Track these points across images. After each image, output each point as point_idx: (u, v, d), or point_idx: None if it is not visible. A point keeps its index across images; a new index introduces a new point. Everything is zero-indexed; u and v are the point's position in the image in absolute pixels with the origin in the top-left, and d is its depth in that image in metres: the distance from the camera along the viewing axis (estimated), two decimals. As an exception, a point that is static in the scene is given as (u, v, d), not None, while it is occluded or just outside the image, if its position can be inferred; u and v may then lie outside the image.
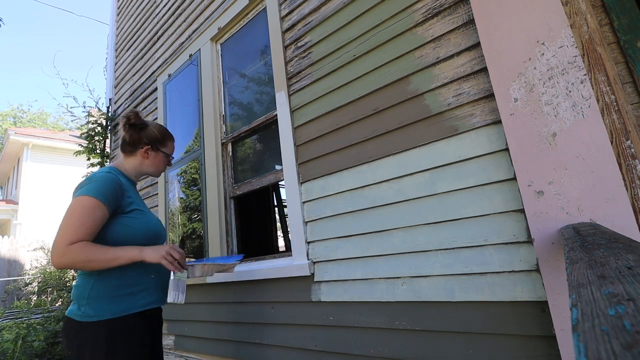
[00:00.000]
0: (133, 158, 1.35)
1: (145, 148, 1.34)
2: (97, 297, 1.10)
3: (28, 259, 9.42)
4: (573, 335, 0.26)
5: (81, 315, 1.08)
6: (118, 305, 1.12)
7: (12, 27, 56.84)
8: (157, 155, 1.37)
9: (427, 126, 1.37)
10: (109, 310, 1.10)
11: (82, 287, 1.12)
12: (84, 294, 1.11)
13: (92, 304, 1.09)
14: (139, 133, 1.34)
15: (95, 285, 1.11)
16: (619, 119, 0.97)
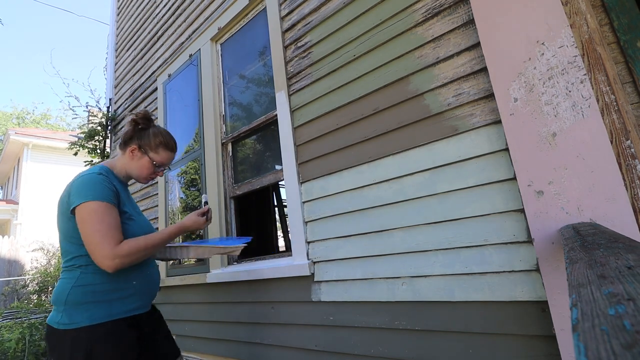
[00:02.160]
0: (123, 157, 1.29)
1: (132, 148, 1.27)
2: (75, 302, 1.05)
3: (28, 259, 9.42)
4: (573, 335, 0.26)
5: (58, 322, 1.04)
6: (98, 311, 1.06)
7: (12, 27, 56.83)
8: (142, 158, 1.28)
9: (427, 126, 1.37)
10: (87, 317, 1.04)
11: (60, 292, 1.08)
12: (62, 299, 1.06)
13: (69, 310, 1.05)
14: (135, 132, 1.29)
15: (73, 291, 1.06)
16: (618, 118, 0.98)
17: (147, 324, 1.22)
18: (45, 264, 9.11)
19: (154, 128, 1.32)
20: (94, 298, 1.08)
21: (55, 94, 10.13)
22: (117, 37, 4.32)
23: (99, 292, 1.09)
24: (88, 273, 1.09)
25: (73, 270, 1.11)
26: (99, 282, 1.10)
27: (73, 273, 1.10)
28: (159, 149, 1.30)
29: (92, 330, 1.04)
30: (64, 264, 1.13)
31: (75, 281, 1.08)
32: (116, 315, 1.09)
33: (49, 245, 9.52)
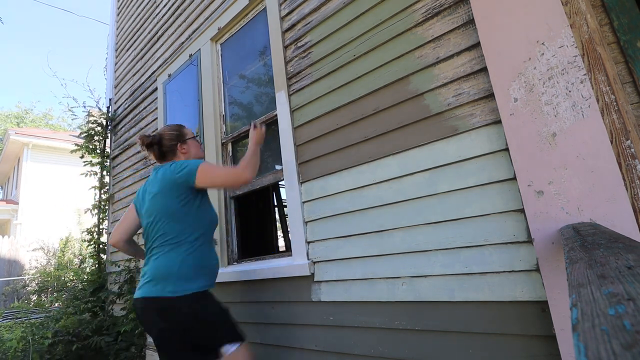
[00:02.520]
0: (180, 156, 1.57)
1: (178, 147, 1.56)
2: (182, 275, 1.31)
3: (28, 259, 9.42)
4: (573, 335, 0.26)
5: (171, 291, 1.28)
6: (196, 282, 1.33)
7: (12, 28, 56.81)
8: (189, 144, 1.59)
9: (427, 126, 1.37)
10: (193, 287, 1.31)
11: (169, 267, 1.32)
12: (172, 271, 1.31)
13: (179, 281, 1.30)
14: (162, 145, 1.55)
15: (181, 266, 1.32)
16: (618, 118, 0.98)
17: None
18: (45, 264, 9.11)
19: (161, 130, 1.59)
20: (194, 272, 1.35)
21: (55, 96, 10.18)
22: (117, 37, 4.32)
23: (197, 267, 1.36)
24: (190, 252, 1.36)
25: (176, 249, 1.35)
26: (196, 260, 1.37)
27: (176, 252, 1.34)
28: (181, 130, 1.62)
29: (198, 296, 1.32)
30: (162, 242, 1.37)
31: (183, 258, 1.34)
32: (204, 287, 1.37)
33: (49, 245, 9.52)
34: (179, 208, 1.39)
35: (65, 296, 3.97)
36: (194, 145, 1.62)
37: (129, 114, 3.70)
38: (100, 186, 3.83)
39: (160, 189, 1.42)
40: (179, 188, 1.40)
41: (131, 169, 3.49)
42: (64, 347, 2.86)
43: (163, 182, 1.42)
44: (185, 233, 1.38)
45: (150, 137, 1.55)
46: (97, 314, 3.26)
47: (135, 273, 3.14)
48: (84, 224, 8.82)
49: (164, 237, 1.38)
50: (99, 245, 3.72)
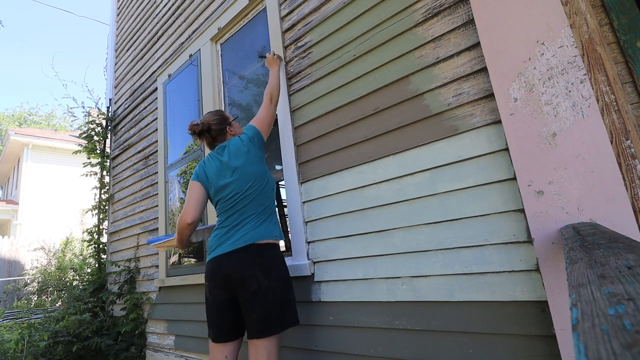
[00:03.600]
0: (229, 135, 1.69)
1: (227, 129, 1.68)
2: (277, 227, 1.54)
3: (28, 259, 9.42)
4: (573, 334, 0.26)
5: (276, 236, 1.50)
6: (280, 233, 1.56)
7: (12, 28, 56.81)
8: (235, 125, 1.74)
9: (427, 126, 1.37)
10: (280, 236, 1.55)
11: (273, 227, 1.52)
12: (272, 226, 1.51)
13: (277, 231, 1.53)
14: (211, 131, 1.65)
15: (275, 222, 1.54)
16: (618, 118, 0.98)
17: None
18: (45, 264, 9.11)
19: (205, 121, 1.67)
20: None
21: (55, 98, 10.19)
22: (117, 37, 4.32)
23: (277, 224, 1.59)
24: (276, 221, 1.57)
25: (271, 215, 1.54)
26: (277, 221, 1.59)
27: (272, 217, 1.54)
28: (224, 115, 1.72)
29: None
30: (259, 207, 1.50)
31: (273, 218, 1.55)
32: (282, 238, 1.60)
33: (49, 245, 9.52)
34: (265, 171, 1.57)
35: (66, 296, 3.97)
36: (237, 126, 1.76)
37: (129, 114, 3.70)
38: (100, 186, 3.84)
39: (245, 159, 1.54)
40: (259, 153, 1.59)
41: (131, 169, 3.49)
42: (64, 348, 2.86)
43: (245, 153, 1.55)
44: (272, 196, 1.57)
45: (200, 125, 1.63)
46: (97, 314, 3.26)
47: (135, 273, 3.14)
48: (86, 224, 8.82)
49: (259, 204, 1.50)
50: (99, 245, 3.72)
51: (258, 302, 1.35)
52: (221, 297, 1.43)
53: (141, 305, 2.98)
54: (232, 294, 1.42)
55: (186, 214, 1.53)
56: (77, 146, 3.91)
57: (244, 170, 1.52)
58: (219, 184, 1.54)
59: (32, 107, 26.70)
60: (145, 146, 3.30)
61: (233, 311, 1.43)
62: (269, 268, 1.40)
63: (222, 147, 1.62)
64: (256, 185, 1.51)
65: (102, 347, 2.79)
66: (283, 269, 1.47)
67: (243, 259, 1.40)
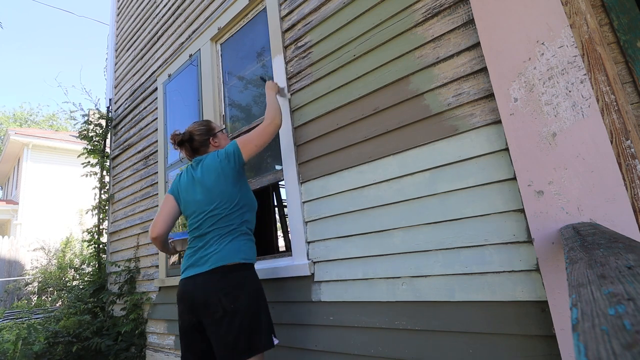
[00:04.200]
0: (211, 148, 1.63)
1: (210, 141, 1.63)
2: (247, 248, 1.46)
3: (28, 259, 9.42)
4: (573, 334, 0.26)
5: (243, 258, 1.42)
6: (252, 254, 1.50)
7: (12, 28, 56.83)
8: (220, 137, 1.67)
9: (427, 126, 1.37)
10: (250, 257, 1.48)
11: (239, 248, 1.44)
12: (240, 247, 1.44)
13: (246, 252, 1.45)
14: (193, 141, 1.60)
15: (244, 242, 1.47)
16: (618, 118, 0.98)
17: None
18: (45, 264, 9.11)
19: (190, 128, 1.64)
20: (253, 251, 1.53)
21: (56, 103, 10.20)
22: (117, 37, 4.32)
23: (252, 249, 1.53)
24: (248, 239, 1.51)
25: (239, 237, 1.46)
26: (251, 242, 1.53)
27: (240, 238, 1.46)
28: (209, 125, 1.68)
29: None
30: (224, 228, 1.43)
31: (246, 239, 1.49)
32: (254, 260, 1.54)
33: (49, 245, 9.52)
34: (236, 193, 1.49)
35: (67, 296, 3.97)
36: (223, 138, 1.70)
37: (129, 114, 3.70)
38: (101, 186, 3.84)
39: (215, 177, 1.47)
40: (232, 172, 1.49)
41: (131, 169, 3.49)
42: (64, 348, 2.86)
43: (216, 170, 1.48)
44: (241, 217, 1.49)
45: (180, 136, 1.58)
46: (98, 314, 3.26)
47: (135, 273, 3.14)
48: (85, 224, 8.82)
49: (226, 225, 1.44)
50: (99, 246, 3.72)
51: (224, 329, 1.29)
52: (190, 322, 1.39)
53: (141, 305, 2.98)
54: (198, 318, 1.37)
55: (152, 228, 1.54)
56: (77, 146, 3.92)
57: (212, 189, 1.46)
58: (187, 200, 1.52)
59: (32, 108, 26.71)
60: (145, 146, 3.30)
61: (203, 337, 1.38)
62: (233, 292, 1.33)
63: (198, 160, 1.57)
64: (223, 205, 1.44)
65: (102, 348, 2.79)
66: (252, 290, 1.39)
67: (207, 283, 1.35)
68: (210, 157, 1.53)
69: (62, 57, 65.99)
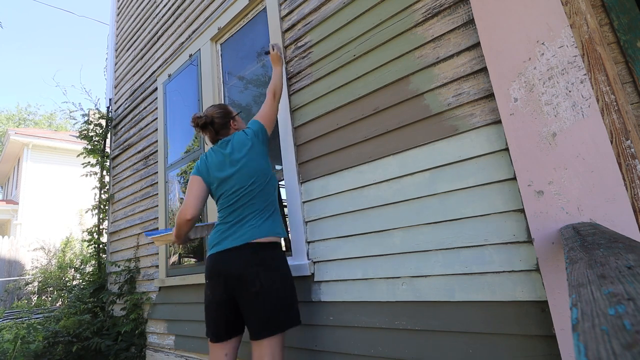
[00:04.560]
0: (232, 129, 1.66)
1: (231, 123, 1.66)
2: (281, 225, 1.51)
3: (28, 259, 9.42)
4: (573, 334, 0.26)
5: (278, 233, 1.47)
6: (284, 230, 1.53)
7: (11, 28, 56.81)
8: (238, 119, 1.71)
9: (427, 126, 1.37)
10: (283, 233, 1.52)
11: (277, 223, 1.50)
12: (275, 223, 1.49)
13: (281, 229, 1.50)
14: (214, 124, 1.62)
15: (279, 220, 1.52)
16: (618, 118, 0.98)
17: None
18: (45, 264, 9.11)
19: (208, 114, 1.64)
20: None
21: (55, 102, 10.20)
22: (117, 37, 4.32)
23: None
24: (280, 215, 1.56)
25: (274, 213, 1.51)
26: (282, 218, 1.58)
27: (275, 214, 1.51)
28: (226, 109, 1.69)
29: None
30: (261, 204, 1.47)
31: (280, 221, 1.53)
32: (285, 235, 1.59)
33: (49, 245, 9.52)
34: (269, 168, 1.53)
35: (66, 296, 3.97)
36: (240, 121, 1.74)
37: (129, 114, 3.70)
38: (100, 186, 3.84)
39: (249, 153, 1.50)
40: (263, 148, 1.55)
41: (131, 169, 3.49)
42: (64, 348, 2.86)
43: (248, 147, 1.52)
44: (274, 193, 1.52)
45: (204, 117, 1.59)
46: (98, 314, 3.26)
47: (135, 273, 3.14)
48: (85, 224, 8.82)
49: (262, 200, 1.47)
50: (99, 245, 3.72)
51: (261, 302, 1.32)
52: (220, 296, 1.40)
53: (141, 305, 2.98)
54: (231, 292, 1.38)
55: (186, 209, 1.48)
56: (77, 146, 3.92)
57: (247, 165, 1.48)
58: (221, 178, 1.50)
59: (29, 106, 26.66)
60: (145, 146, 3.30)
61: (232, 309, 1.40)
62: (271, 266, 1.37)
63: (225, 141, 1.58)
64: (259, 181, 1.47)
65: (102, 347, 2.79)
66: (286, 267, 1.45)
67: (244, 257, 1.37)
68: (238, 136, 1.57)
69: (62, 57, 65.97)
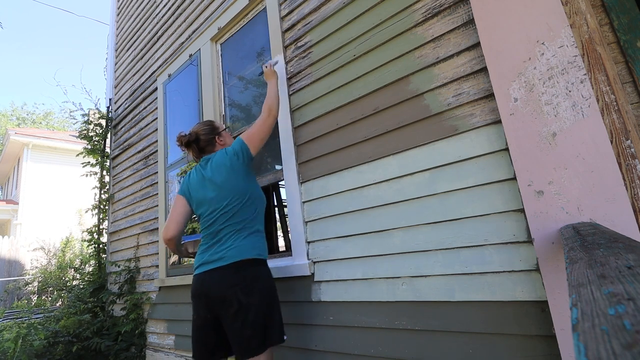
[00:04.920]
0: (217, 147, 1.67)
1: (216, 139, 1.67)
2: (260, 244, 1.50)
3: (28, 259, 9.42)
4: (573, 334, 0.26)
5: (257, 254, 1.46)
6: (265, 249, 1.53)
7: (11, 28, 56.82)
8: (225, 135, 1.72)
9: (427, 126, 1.37)
10: (264, 253, 1.51)
11: (255, 243, 1.48)
12: (254, 243, 1.48)
13: (260, 249, 1.49)
14: (199, 142, 1.64)
15: (258, 239, 1.50)
16: (618, 118, 0.98)
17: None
18: (45, 264, 9.11)
19: (195, 129, 1.67)
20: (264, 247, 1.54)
21: (56, 101, 10.19)
22: (117, 37, 4.32)
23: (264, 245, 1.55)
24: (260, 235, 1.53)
25: (254, 233, 1.49)
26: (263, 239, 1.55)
27: (255, 234, 1.50)
28: (213, 125, 1.71)
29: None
30: (238, 224, 1.46)
31: (259, 235, 1.52)
32: (266, 255, 1.56)
33: (49, 245, 9.52)
34: (247, 188, 1.52)
35: (66, 295, 3.97)
36: (228, 136, 1.75)
37: (129, 114, 3.70)
38: (101, 186, 3.84)
39: (225, 173, 1.51)
40: (242, 167, 1.53)
41: (131, 169, 3.49)
42: (64, 348, 2.86)
43: (226, 166, 1.52)
44: (254, 212, 1.52)
45: (186, 137, 1.62)
46: (98, 314, 3.26)
47: (135, 273, 3.14)
48: (85, 224, 8.82)
49: (239, 220, 1.47)
50: (99, 245, 3.72)
51: (240, 322, 1.33)
52: (205, 316, 1.42)
53: (141, 305, 2.98)
54: (214, 313, 1.40)
55: (166, 229, 1.56)
56: (77, 146, 3.92)
57: (223, 186, 1.49)
58: (198, 199, 1.54)
59: (25, 105, 26.62)
60: (145, 146, 3.30)
61: (216, 330, 1.42)
62: (249, 286, 1.37)
63: (206, 159, 1.60)
64: (236, 202, 1.47)
65: (102, 347, 2.79)
66: (267, 286, 1.43)
67: (223, 278, 1.38)
68: (218, 155, 1.57)
69: (62, 57, 65.97)
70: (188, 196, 1.59)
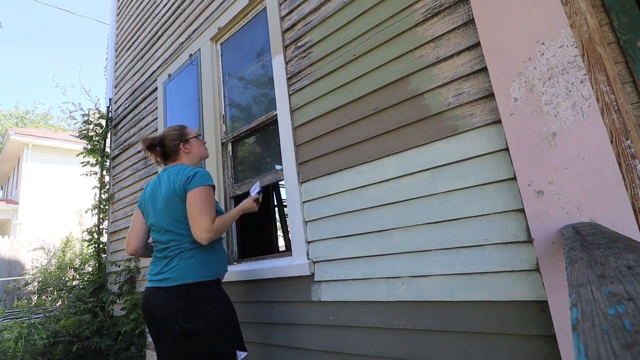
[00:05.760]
0: (183, 157, 1.58)
1: (181, 146, 1.56)
2: (208, 265, 1.41)
3: (28, 259, 9.41)
4: (573, 334, 0.26)
5: (203, 276, 1.38)
6: (215, 270, 1.44)
7: (11, 28, 56.80)
8: (193, 143, 1.61)
9: (427, 126, 1.37)
10: (212, 274, 1.43)
11: (195, 260, 1.40)
12: (201, 264, 1.40)
13: (207, 270, 1.40)
14: (164, 146, 1.55)
15: (206, 259, 1.42)
16: (618, 118, 0.98)
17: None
18: (45, 264, 9.11)
19: (164, 132, 1.59)
20: (214, 263, 1.47)
21: (55, 102, 10.24)
22: (117, 37, 4.31)
23: (216, 260, 1.48)
24: (202, 251, 1.43)
25: (202, 252, 1.41)
26: (214, 252, 1.47)
27: (202, 253, 1.42)
28: (183, 131, 1.61)
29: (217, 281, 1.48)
30: (186, 244, 1.40)
31: (205, 253, 1.43)
32: (221, 273, 1.51)
33: (49, 245, 9.52)
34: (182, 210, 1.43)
35: (66, 295, 3.97)
36: (196, 145, 1.63)
37: (129, 114, 3.70)
38: (101, 186, 3.84)
39: (170, 193, 1.43)
40: (184, 196, 1.42)
41: (131, 168, 3.49)
42: (64, 348, 2.86)
43: (170, 188, 1.44)
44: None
45: (150, 139, 1.55)
46: (97, 314, 3.26)
47: (135, 273, 3.14)
48: (85, 224, 8.82)
49: (187, 235, 1.41)
50: (99, 245, 3.72)
51: (183, 350, 1.32)
52: (153, 332, 1.43)
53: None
54: (158, 330, 1.39)
55: (127, 245, 1.55)
56: (77, 146, 3.92)
57: (168, 204, 1.43)
58: (149, 211, 1.51)
59: (30, 108, 26.66)
60: (145, 146, 3.29)
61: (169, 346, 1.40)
62: (191, 313, 1.31)
63: (165, 170, 1.53)
64: (185, 219, 1.40)
65: (102, 347, 2.79)
66: (213, 310, 1.36)
67: (165, 301, 1.34)
68: (175, 170, 1.47)
69: (61, 57, 65.97)
70: (144, 208, 1.55)
